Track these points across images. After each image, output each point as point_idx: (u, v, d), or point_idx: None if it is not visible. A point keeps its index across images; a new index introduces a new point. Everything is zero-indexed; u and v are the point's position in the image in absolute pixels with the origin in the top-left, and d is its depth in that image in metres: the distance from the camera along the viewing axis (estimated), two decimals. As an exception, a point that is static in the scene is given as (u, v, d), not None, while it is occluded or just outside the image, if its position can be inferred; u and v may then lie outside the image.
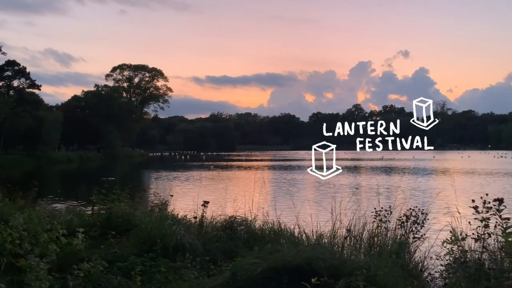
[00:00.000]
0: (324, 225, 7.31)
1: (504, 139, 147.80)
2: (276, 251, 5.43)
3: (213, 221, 7.56)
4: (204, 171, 43.28)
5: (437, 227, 7.06)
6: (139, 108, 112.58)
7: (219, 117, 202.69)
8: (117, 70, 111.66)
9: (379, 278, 4.64)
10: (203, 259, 5.63)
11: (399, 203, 7.50)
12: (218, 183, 29.28)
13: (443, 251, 5.93)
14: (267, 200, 12.49)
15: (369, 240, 6.85)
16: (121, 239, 6.55)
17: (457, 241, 5.78)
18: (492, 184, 27.25)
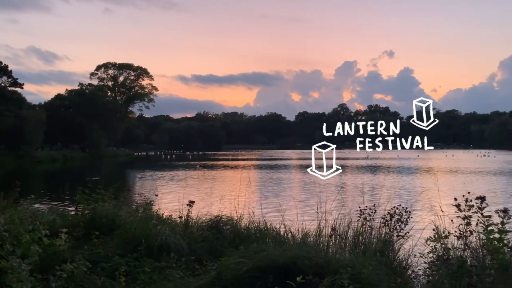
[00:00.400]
0: (310, 224, 7.35)
1: (486, 138, 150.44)
2: (262, 250, 5.43)
3: (199, 220, 7.54)
4: (190, 171, 43.10)
5: (421, 225, 7.14)
6: (124, 107, 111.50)
7: (205, 116, 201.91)
8: (102, 69, 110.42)
9: (363, 276, 4.67)
10: (188, 259, 5.61)
11: (383, 202, 7.58)
12: (204, 183, 29.18)
13: (426, 249, 6.01)
14: (253, 199, 12.51)
15: (354, 238, 6.90)
16: (105, 240, 6.48)
17: (440, 239, 5.86)
18: (475, 182, 27.68)
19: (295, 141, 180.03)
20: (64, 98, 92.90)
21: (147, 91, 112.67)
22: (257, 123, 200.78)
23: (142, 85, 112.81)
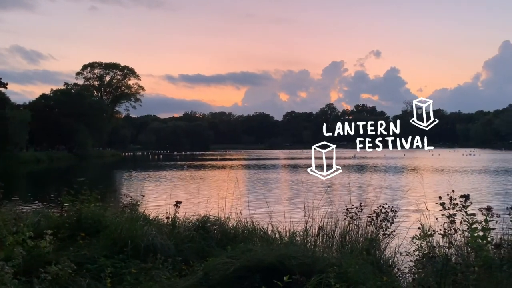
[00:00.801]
0: (297, 224, 7.37)
1: (472, 137, 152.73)
2: (249, 250, 5.43)
3: (186, 221, 7.50)
4: (177, 171, 42.89)
5: (407, 224, 7.21)
6: (111, 107, 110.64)
7: (193, 116, 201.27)
8: (88, 68, 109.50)
9: (350, 275, 4.70)
10: (175, 260, 5.57)
11: (370, 201, 7.63)
12: (191, 183, 29.07)
13: (412, 247, 6.07)
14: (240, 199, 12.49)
15: (341, 237, 6.95)
16: (91, 241, 6.41)
17: (425, 237, 5.92)
18: (460, 181, 28.03)
19: (283, 141, 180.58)
20: (49, 98, 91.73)
21: (134, 91, 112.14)
22: (245, 123, 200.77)
23: (128, 84, 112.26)
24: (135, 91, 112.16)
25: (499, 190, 22.66)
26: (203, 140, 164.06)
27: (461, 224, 5.46)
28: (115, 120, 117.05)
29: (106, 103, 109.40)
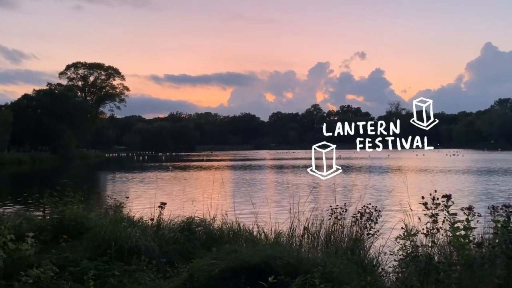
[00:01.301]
0: (283, 224, 7.39)
1: (454, 138, 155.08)
2: (234, 251, 5.42)
3: (171, 222, 7.46)
4: (162, 172, 42.60)
5: (391, 224, 7.28)
6: (95, 107, 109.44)
7: (178, 116, 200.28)
8: (72, 69, 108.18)
9: (334, 275, 4.72)
10: (159, 262, 5.54)
11: (354, 201, 7.68)
12: (177, 184, 28.90)
13: (396, 247, 6.11)
14: (226, 200, 12.47)
15: (326, 237, 6.98)
16: (74, 243, 6.35)
17: (409, 236, 5.98)
18: (444, 181, 28.39)
19: (269, 142, 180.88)
20: (31, 98, 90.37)
21: (118, 91, 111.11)
22: (231, 124, 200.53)
23: (113, 85, 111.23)
24: (120, 91, 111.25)
25: (481, 190, 23.03)
26: (188, 140, 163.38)
27: (443, 223, 5.54)
28: (99, 121, 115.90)
29: (90, 103, 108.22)
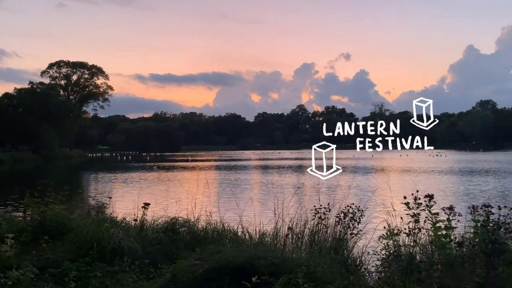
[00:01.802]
0: (267, 224, 7.39)
1: (437, 138, 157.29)
2: (218, 251, 5.40)
3: (154, 223, 7.40)
4: (146, 172, 42.25)
5: (374, 224, 7.34)
6: (78, 106, 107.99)
7: (163, 116, 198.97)
8: (54, 67, 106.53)
9: (318, 275, 4.74)
10: (142, 262, 5.49)
11: (338, 201, 7.73)
12: (161, 184, 28.69)
13: (379, 246, 6.18)
14: (210, 201, 12.43)
15: (310, 237, 7.01)
16: (55, 244, 6.25)
17: (392, 236, 6.04)
18: (427, 181, 28.73)
19: (254, 142, 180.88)
20: (12, 97, 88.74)
21: (102, 90, 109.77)
22: (216, 124, 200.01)
23: (96, 84, 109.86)
24: (104, 90, 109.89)
25: (463, 190, 23.38)
26: (173, 140, 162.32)
27: (425, 223, 5.61)
28: (83, 120, 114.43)
29: (73, 102, 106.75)
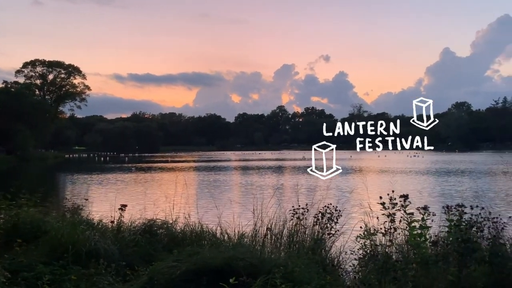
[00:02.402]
0: (247, 225, 7.39)
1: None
2: (196, 253, 5.37)
3: (131, 225, 7.32)
4: (124, 174, 41.71)
5: (352, 224, 7.42)
6: (54, 107, 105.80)
7: (141, 116, 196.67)
8: (29, 66, 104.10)
9: (295, 275, 4.76)
10: (119, 265, 5.42)
11: (317, 201, 7.79)
12: (139, 186, 28.37)
13: (356, 246, 6.25)
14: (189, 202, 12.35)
15: (289, 238, 7.03)
16: (29, 247, 6.09)
17: (369, 236, 6.12)
18: (404, 181, 29.17)
19: (234, 143, 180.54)
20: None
21: (79, 90, 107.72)
22: (196, 124, 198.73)
23: (73, 84, 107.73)
24: (81, 90, 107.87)
25: (439, 191, 23.83)
26: (152, 141, 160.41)
27: (400, 223, 5.70)
28: (59, 121, 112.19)
29: (49, 102, 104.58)
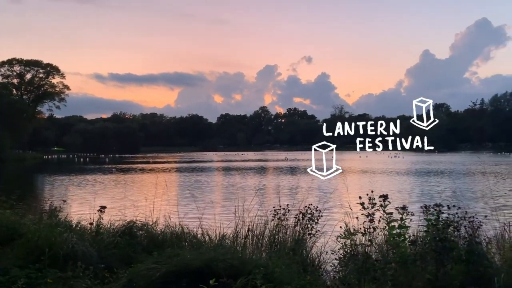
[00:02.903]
0: (228, 226, 7.37)
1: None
2: (176, 254, 5.33)
3: (111, 227, 7.21)
4: (104, 175, 41.14)
5: (333, 224, 7.46)
6: (32, 107, 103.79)
7: (122, 117, 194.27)
8: (6, 65, 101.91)
9: (276, 275, 4.77)
10: (97, 267, 5.35)
11: (298, 202, 7.81)
12: (119, 187, 28.02)
13: (337, 246, 6.29)
14: (169, 203, 12.26)
15: (270, 238, 7.04)
16: (4, 250, 5.96)
17: (349, 235, 6.17)
18: (384, 182, 29.56)
19: (217, 143, 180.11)
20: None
21: (58, 90, 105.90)
22: (178, 125, 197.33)
23: (52, 83, 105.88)
24: (60, 90, 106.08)
25: (419, 191, 24.16)
26: (133, 142, 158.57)
27: (379, 222, 5.76)
28: (37, 121, 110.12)
29: (27, 102, 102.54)
